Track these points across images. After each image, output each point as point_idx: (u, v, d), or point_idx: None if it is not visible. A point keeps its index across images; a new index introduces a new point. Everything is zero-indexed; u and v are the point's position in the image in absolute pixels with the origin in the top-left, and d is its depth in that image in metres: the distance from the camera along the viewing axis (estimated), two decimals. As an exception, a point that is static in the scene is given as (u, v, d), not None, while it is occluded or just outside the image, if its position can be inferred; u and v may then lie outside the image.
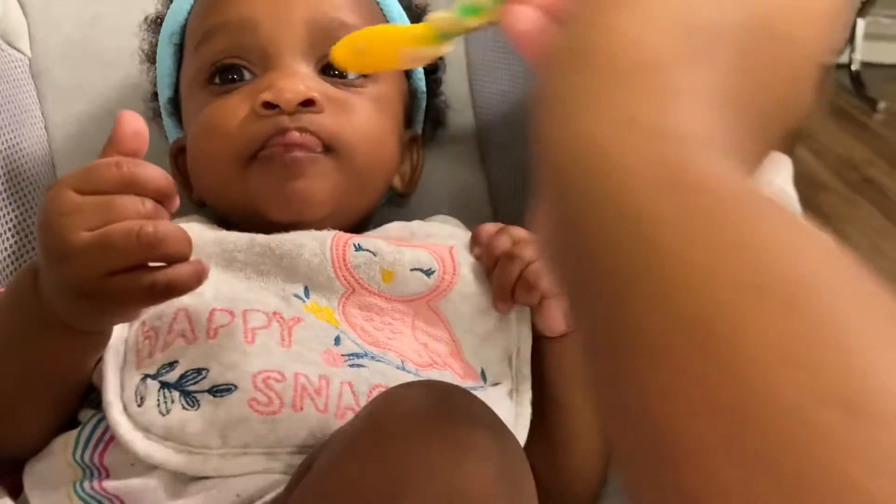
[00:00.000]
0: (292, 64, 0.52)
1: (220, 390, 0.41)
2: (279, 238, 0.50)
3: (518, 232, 0.52)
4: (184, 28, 0.59)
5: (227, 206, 0.54)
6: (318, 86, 0.52)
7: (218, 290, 0.47)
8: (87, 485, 0.41)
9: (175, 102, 0.61)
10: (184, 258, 0.36)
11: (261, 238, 0.50)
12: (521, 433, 0.48)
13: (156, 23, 0.64)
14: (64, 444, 0.44)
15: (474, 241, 0.53)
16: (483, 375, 0.50)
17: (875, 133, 2.32)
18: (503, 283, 0.50)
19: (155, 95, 0.64)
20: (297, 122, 0.50)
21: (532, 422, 0.50)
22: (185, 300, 0.45)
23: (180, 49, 0.60)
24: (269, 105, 0.50)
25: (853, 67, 2.54)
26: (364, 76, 0.55)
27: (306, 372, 0.43)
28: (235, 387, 0.41)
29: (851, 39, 2.48)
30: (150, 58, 0.64)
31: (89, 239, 0.35)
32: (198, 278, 0.37)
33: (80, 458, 0.43)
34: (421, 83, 0.65)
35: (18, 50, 0.67)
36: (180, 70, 0.60)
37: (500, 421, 0.36)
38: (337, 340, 0.46)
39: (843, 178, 2.04)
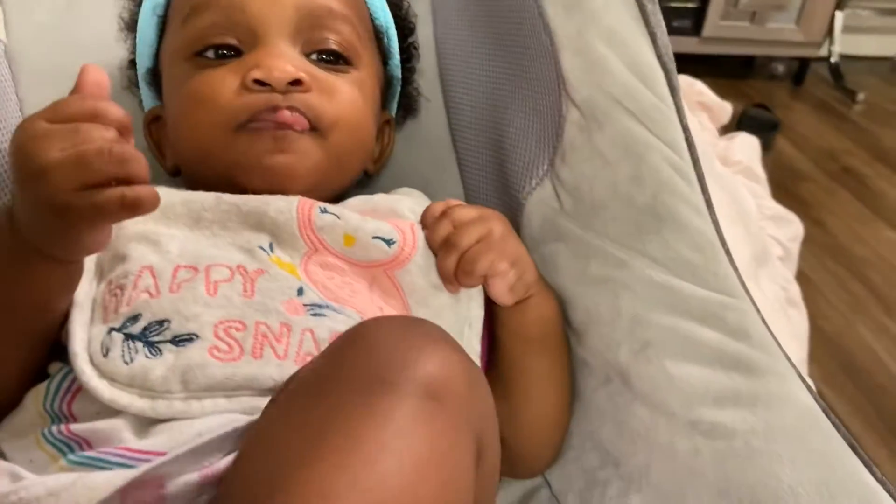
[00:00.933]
0: (280, 44, 0.54)
1: (181, 340, 0.43)
2: (246, 196, 0.51)
3: (461, 213, 0.54)
4: (168, 2, 0.61)
5: (206, 173, 0.55)
6: (305, 66, 0.54)
7: (183, 248, 0.48)
8: (54, 429, 0.42)
9: (154, 73, 0.63)
10: (145, 180, 0.38)
11: (227, 196, 0.51)
12: None
13: None
14: (35, 395, 0.45)
15: (423, 223, 0.55)
16: None
17: (854, 124, 2.35)
18: (444, 270, 0.52)
19: (132, 64, 0.65)
20: (288, 101, 0.52)
21: (491, 384, 0.52)
22: (151, 258, 0.47)
23: (162, 21, 0.61)
24: (259, 82, 0.52)
25: (832, 59, 2.57)
26: (347, 62, 0.58)
27: (267, 321, 0.44)
28: (197, 336, 0.43)
29: (830, 32, 2.50)
30: (130, 27, 0.65)
31: (63, 156, 0.37)
32: (156, 200, 0.38)
33: (50, 406, 0.44)
34: (397, 70, 0.67)
35: (-6, 34, 0.68)
36: (161, 42, 0.61)
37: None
38: (300, 291, 0.47)
39: (823, 167, 2.07)
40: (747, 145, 1.21)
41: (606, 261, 0.56)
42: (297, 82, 0.53)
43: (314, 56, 0.57)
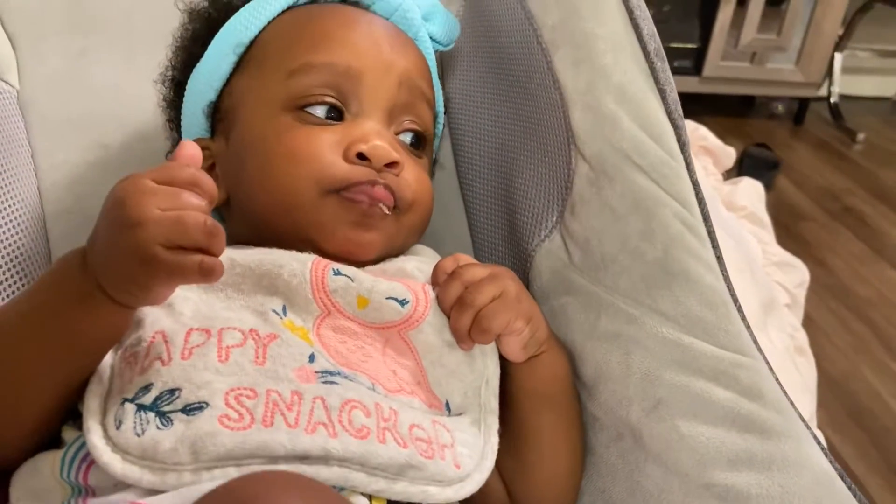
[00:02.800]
0: (381, 119, 0.57)
1: (192, 408, 0.42)
2: (259, 258, 0.52)
3: (472, 272, 0.54)
4: (252, 42, 0.61)
5: (276, 222, 0.55)
6: (398, 149, 0.57)
7: (196, 310, 0.48)
8: (72, 502, 0.43)
9: (215, 107, 0.62)
10: (221, 253, 0.42)
11: (240, 258, 0.51)
12: (489, 462, 0.50)
13: (206, 18, 0.64)
14: (51, 463, 0.45)
15: (433, 281, 0.55)
16: (447, 406, 0.52)
17: (855, 163, 2.36)
18: (458, 329, 0.52)
19: (175, 83, 0.65)
20: (384, 178, 0.55)
21: (503, 439, 0.52)
22: (164, 322, 0.46)
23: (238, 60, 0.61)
24: (362, 156, 0.54)
25: (832, 100, 2.59)
26: (422, 146, 0.61)
27: (279, 389, 0.44)
28: (207, 404, 0.43)
29: (829, 72, 2.53)
30: (187, 48, 0.64)
31: (163, 215, 0.41)
32: (222, 273, 0.42)
33: (67, 477, 0.44)
34: (437, 150, 0.69)
35: (7, 82, 0.68)
36: (232, 78, 0.61)
37: None
38: (311, 358, 0.47)
39: (824, 206, 2.08)
40: (752, 190, 1.22)
41: (617, 316, 0.55)
42: (393, 164, 0.55)
43: (401, 136, 0.59)
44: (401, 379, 0.50)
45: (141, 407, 0.43)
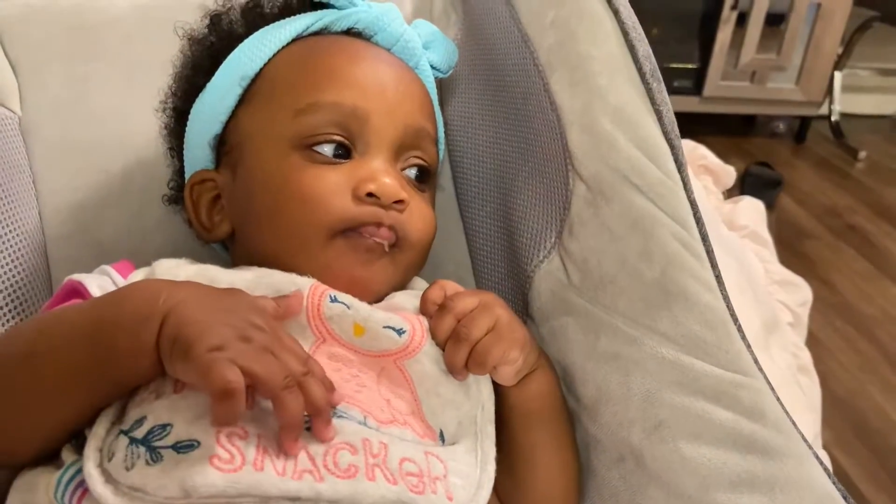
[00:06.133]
0: (388, 157, 0.58)
1: (183, 446, 0.42)
2: (255, 282, 0.51)
3: (462, 303, 0.54)
4: (257, 76, 0.60)
5: (285, 259, 0.55)
6: (404, 186, 0.57)
7: None
8: None
9: (220, 139, 0.61)
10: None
11: (239, 282, 0.51)
12: (485, 492, 0.49)
13: (208, 47, 0.64)
14: (46, 483, 0.45)
15: (422, 312, 0.55)
16: (441, 435, 0.51)
17: (857, 181, 2.36)
18: (454, 363, 0.52)
19: (177, 112, 0.65)
20: (389, 218, 0.56)
21: (498, 459, 0.52)
22: None
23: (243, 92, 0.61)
24: (371, 195, 0.55)
25: (833, 118, 2.60)
26: (427, 181, 0.61)
27: (266, 434, 0.44)
28: (199, 443, 0.42)
29: (830, 91, 2.54)
30: (189, 77, 0.64)
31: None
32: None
33: (60, 499, 0.44)
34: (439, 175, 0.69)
35: (8, 108, 0.69)
36: (237, 110, 0.60)
37: None
38: None
39: (828, 225, 2.07)
40: (752, 209, 1.22)
41: (616, 337, 0.55)
42: (400, 202, 0.56)
43: (406, 171, 0.60)
44: (394, 409, 0.50)
45: (133, 440, 0.43)
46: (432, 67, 0.66)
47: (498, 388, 0.55)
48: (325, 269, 0.54)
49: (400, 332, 0.52)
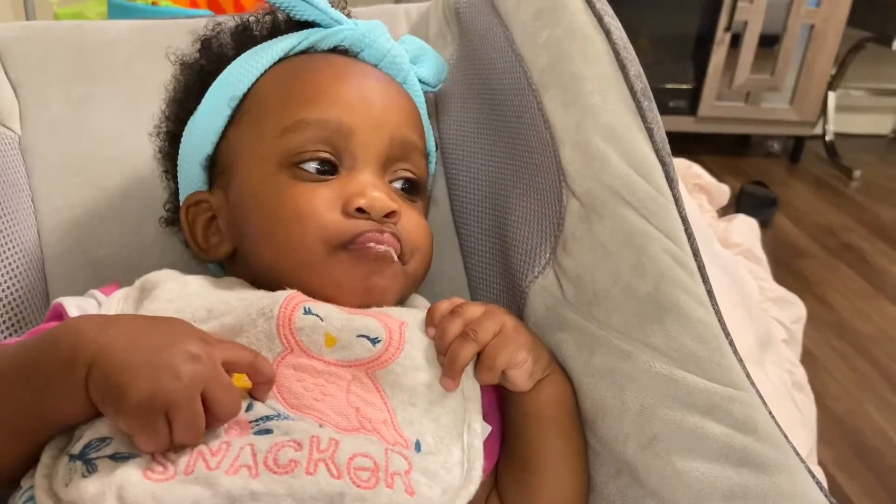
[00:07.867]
0: (375, 171, 0.58)
1: (121, 456, 0.43)
2: (231, 306, 0.52)
3: (471, 310, 0.54)
4: (244, 96, 0.61)
5: (288, 278, 0.55)
6: (394, 198, 0.58)
7: None
8: None
9: (211, 160, 0.62)
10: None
11: (218, 310, 0.52)
12: (463, 500, 0.48)
13: (198, 71, 0.65)
14: None
15: (428, 321, 0.55)
16: (418, 445, 0.50)
17: (852, 200, 2.38)
18: (455, 363, 0.52)
19: (170, 136, 0.65)
20: (386, 227, 0.56)
21: (507, 466, 0.52)
22: None
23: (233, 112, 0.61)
24: (361, 210, 0.55)
25: (827, 138, 2.62)
26: (417, 192, 0.62)
27: (208, 443, 0.44)
28: (136, 454, 0.43)
29: (824, 111, 2.56)
30: (181, 101, 0.65)
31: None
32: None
33: None
34: (431, 187, 0.70)
35: (9, 128, 0.70)
36: (227, 130, 0.61)
37: None
38: (249, 406, 0.47)
39: (823, 244, 2.08)
40: (746, 227, 1.23)
41: (610, 352, 0.56)
42: (392, 214, 0.56)
43: (395, 184, 0.60)
44: (364, 416, 0.49)
45: (71, 457, 0.43)
46: (421, 82, 0.67)
47: (512, 396, 0.55)
48: (335, 286, 0.55)
49: (375, 341, 0.51)
